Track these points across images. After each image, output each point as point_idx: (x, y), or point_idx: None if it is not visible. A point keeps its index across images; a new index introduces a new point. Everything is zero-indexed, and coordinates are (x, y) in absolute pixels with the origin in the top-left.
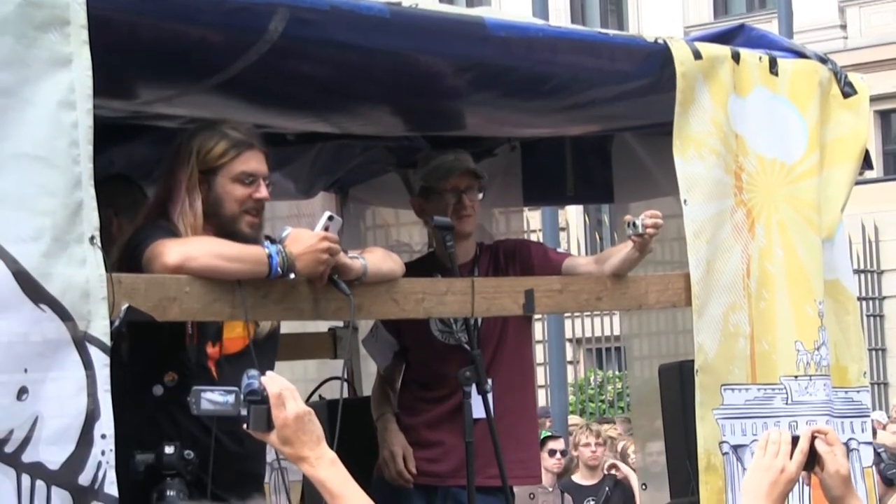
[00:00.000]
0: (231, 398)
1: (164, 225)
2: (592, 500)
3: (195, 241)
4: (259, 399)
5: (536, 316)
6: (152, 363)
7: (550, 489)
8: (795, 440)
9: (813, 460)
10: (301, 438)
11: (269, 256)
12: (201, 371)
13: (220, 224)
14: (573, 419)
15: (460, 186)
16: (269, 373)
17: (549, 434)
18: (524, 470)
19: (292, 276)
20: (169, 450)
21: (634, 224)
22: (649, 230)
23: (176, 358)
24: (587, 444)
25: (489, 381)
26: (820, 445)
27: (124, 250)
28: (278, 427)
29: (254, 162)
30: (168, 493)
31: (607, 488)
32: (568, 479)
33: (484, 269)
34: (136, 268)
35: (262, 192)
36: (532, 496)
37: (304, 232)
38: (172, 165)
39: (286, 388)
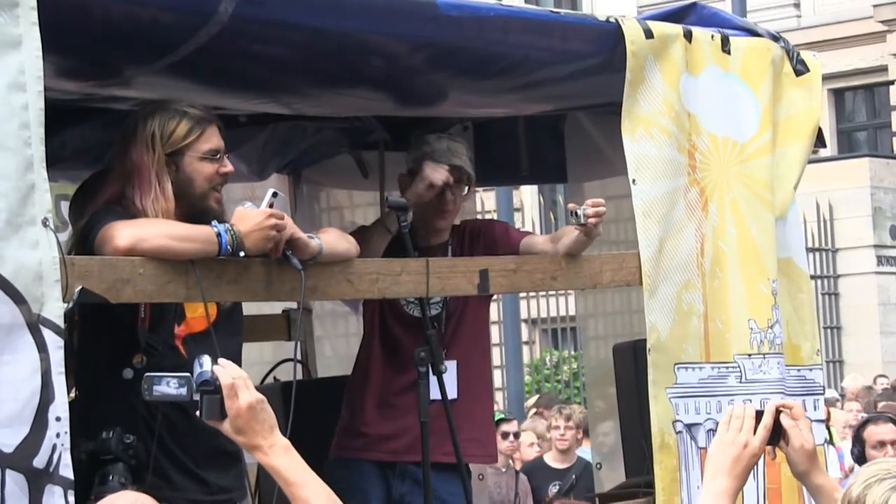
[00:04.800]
0: (184, 390)
1: (119, 210)
2: (557, 483)
3: (145, 222)
4: (212, 389)
5: (493, 297)
6: (118, 346)
7: (504, 470)
8: (759, 415)
9: (778, 435)
10: (254, 428)
11: (218, 235)
12: (168, 351)
13: (189, 204)
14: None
15: (447, 181)
16: (221, 361)
17: (503, 416)
18: (481, 448)
19: (242, 254)
20: (106, 435)
21: (576, 213)
22: (591, 220)
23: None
24: (556, 428)
25: (454, 361)
26: (785, 420)
27: (79, 236)
28: (231, 417)
29: (216, 137)
30: (109, 478)
31: (574, 475)
32: (539, 458)
33: (455, 249)
34: (89, 253)
35: (228, 165)
36: (481, 477)
37: (251, 210)
38: (130, 150)
39: (238, 376)
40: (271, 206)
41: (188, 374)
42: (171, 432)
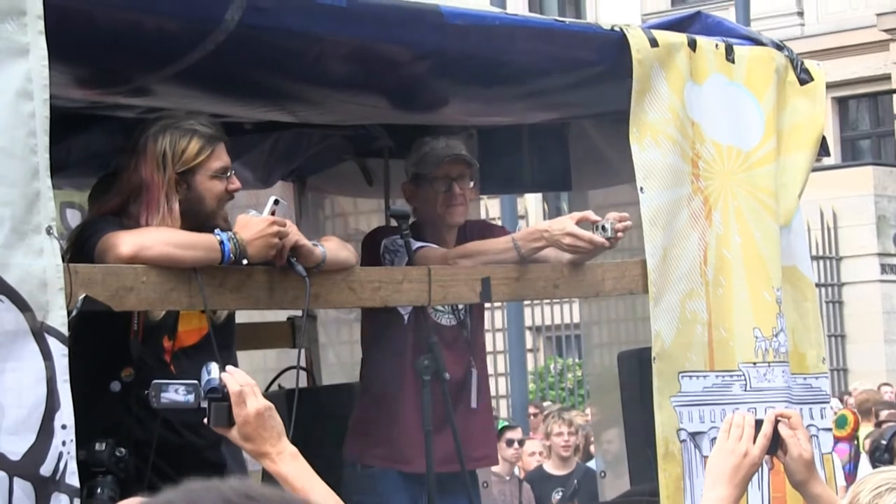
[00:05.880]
0: (192, 397)
1: (117, 221)
2: (561, 490)
3: (147, 230)
4: (220, 396)
5: (496, 304)
6: (107, 359)
7: (508, 478)
8: (759, 424)
9: (777, 444)
10: (262, 435)
11: (221, 243)
12: (158, 365)
13: (197, 221)
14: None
15: (451, 174)
16: (229, 368)
17: (507, 424)
18: (495, 450)
19: (245, 262)
20: (99, 447)
21: (604, 227)
22: (619, 234)
23: (130, 353)
24: (559, 434)
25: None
26: (783, 429)
27: (74, 244)
28: (239, 424)
29: (225, 155)
30: (97, 490)
31: (576, 480)
32: (539, 467)
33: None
34: (85, 261)
35: (236, 182)
36: (485, 485)
37: (253, 217)
38: (139, 167)
39: (247, 384)
40: (273, 213)
41: (196, 382)
42: (159, 448)
